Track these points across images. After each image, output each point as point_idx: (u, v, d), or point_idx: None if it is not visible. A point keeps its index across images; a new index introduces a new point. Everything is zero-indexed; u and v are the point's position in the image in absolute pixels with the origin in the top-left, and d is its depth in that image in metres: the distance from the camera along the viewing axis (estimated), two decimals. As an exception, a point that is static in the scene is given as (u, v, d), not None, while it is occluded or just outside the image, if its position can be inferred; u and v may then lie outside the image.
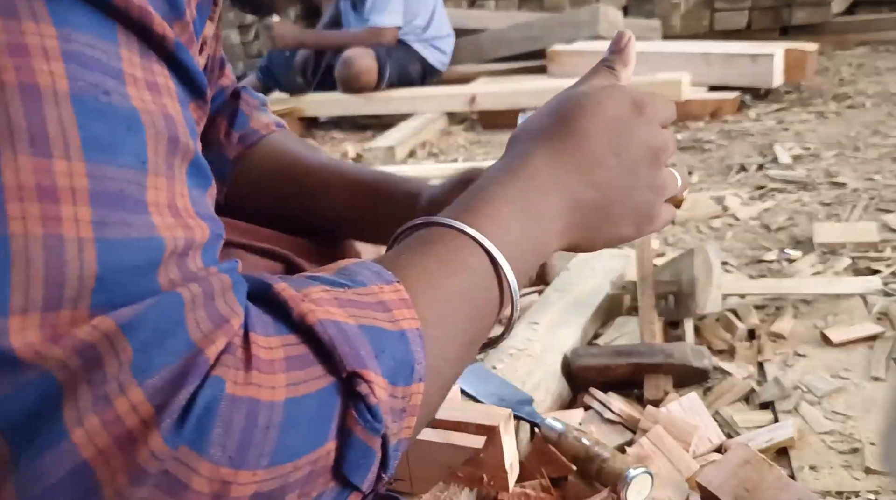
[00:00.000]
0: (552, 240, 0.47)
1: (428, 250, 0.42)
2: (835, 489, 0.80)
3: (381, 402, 0.33)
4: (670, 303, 1.16)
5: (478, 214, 0.44)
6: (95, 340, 0.27)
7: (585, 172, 0.47)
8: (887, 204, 1.60)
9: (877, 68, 2.97)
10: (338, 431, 0.32)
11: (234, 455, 0.29)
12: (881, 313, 1.13)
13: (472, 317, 0.42)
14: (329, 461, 0.32)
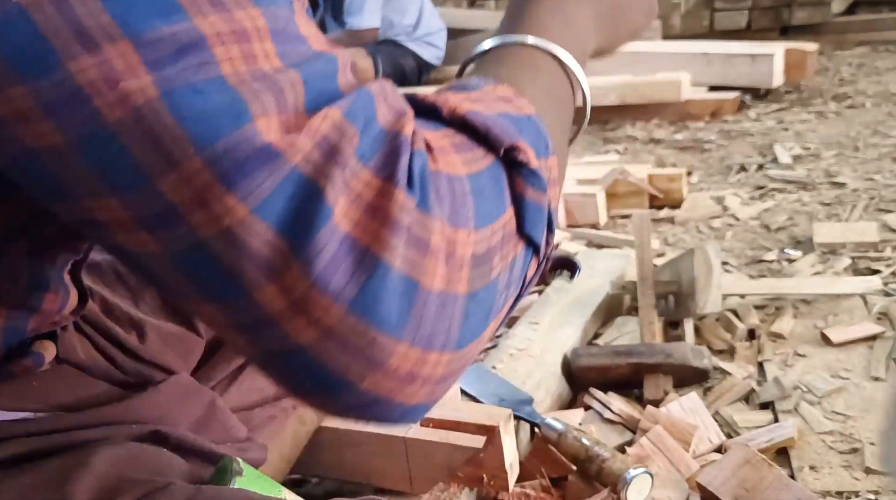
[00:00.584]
0: (590, 40, 0.52)
1: (505, 62, 0.46)
2: (835, 489, 0.80)
3: (539, 166, 0.38)
4: (670, 303, 1.16)
5: (531, 27, 0.48)
6: (328, 129, 0.31)
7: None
8: (887, 204, 1.60)
9: (877, 68, 2.97)
10: (511, 197, 0.37)
11: (451, 216, 0.33)
12: (881, 312, 1.13)
13: (560, 107, 0.47)
14: (513, 225, 0.36)
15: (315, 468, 0.83)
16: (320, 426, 0.80)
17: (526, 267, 0.39)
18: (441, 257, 0.32)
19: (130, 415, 0.53)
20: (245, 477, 0.53)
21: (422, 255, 0.31)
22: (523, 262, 0.38)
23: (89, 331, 0.64)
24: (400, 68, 3.16)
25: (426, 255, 0.31)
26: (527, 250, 0.38)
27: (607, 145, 2.38)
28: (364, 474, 0.79)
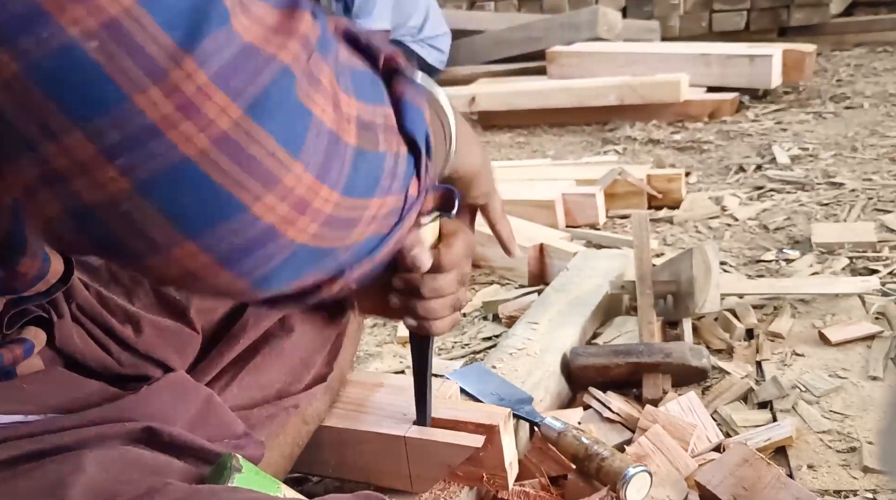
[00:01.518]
0: (471, 150, 0.57)
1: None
2: (833, 488, 0.80)
3: (415, 75, 0.40)
4: (669, 303, 1.17)
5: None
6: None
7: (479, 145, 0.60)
8: (885, 204, 1.61)
9: (875, 69, 2.97)
10: (392, 99, 0.38)
11: (335, 74, 0.33)
12: (879, 312, 1.13)
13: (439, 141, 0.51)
14: (393, 121, 0.38)
15: (315, 467, 0.83)
16: (321, 426, 0.80)
17: (410, 174, 0.39)
18: (329, 99, 0.32)
19: (125, 415, 0.53)
20: (244, 474, 0.52)
21: (314, 88, 0.31)
22: (407, 163, 0.39)
23: (85, 321, 0.64)
24: None
25: (318, 89, 0.31)
26: (409, 156, 0.39)
27: (606, 146, 2.38)
28: (364, 473, 0.80)
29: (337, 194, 0.33)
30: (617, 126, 2.54)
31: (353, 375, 0.89)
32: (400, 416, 0.78)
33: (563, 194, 1.69)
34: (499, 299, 1.35)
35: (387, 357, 1.24)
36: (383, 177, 0.37)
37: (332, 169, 0.33)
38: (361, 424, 0.78)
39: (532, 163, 2.16)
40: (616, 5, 3.74)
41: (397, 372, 1.18)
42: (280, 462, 0.77)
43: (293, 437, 0.77)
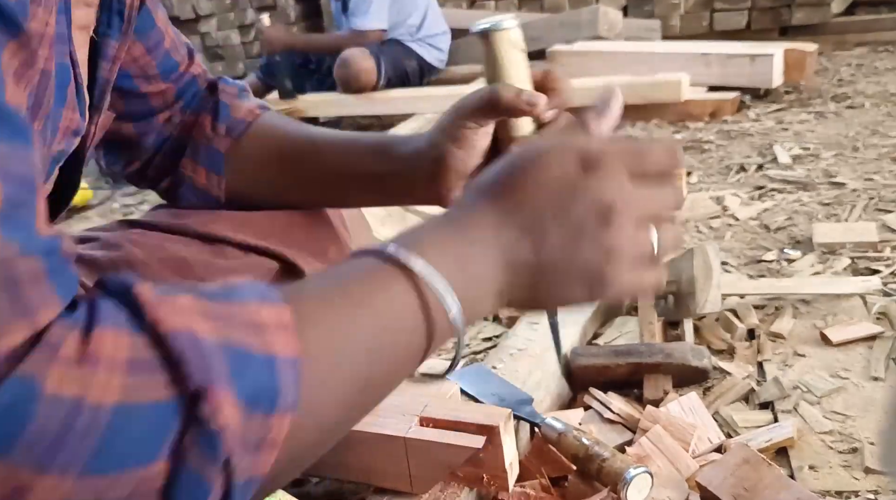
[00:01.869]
0: (488, 298, 0.45)
1: (347, 277, 0.41)
2: (834, 489, 0.80)
3: (227, 428, 0.30)
4: (670, 303, 1.16)
5: (420, 249, 0.42)
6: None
7: (524, 235, 0.45)
8: (886, 204, 1.60)
9: (876, 69, 2.97)
10: (171, 451, 0.30)
11: (40, 458, 0.27)
12: (880, 313, 1.13)
13: (379, 358, 0.39)
14: (156, 483, 0.29)
15: (315, 468, 0.83)
16: (320, 426, 0.80)
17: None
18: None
19: None
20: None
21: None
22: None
23: None
24: (402, 70, 3.16)
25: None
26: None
27: (607, 145, 2.38)
28: (364, 474, 0.79)
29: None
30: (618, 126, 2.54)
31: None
32: (400, 416, 0.78)
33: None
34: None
35: (387, 357, 1.24)
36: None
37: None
38: (361, 424, 0.78)
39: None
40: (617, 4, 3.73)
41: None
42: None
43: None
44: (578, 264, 0.45)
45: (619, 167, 0.45)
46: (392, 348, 0.40)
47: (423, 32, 3.23)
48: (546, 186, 0.45)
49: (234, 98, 0.73)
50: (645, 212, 0.46)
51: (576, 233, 0.45)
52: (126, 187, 2.64)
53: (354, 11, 3.11)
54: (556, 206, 0.45)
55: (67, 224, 2.34)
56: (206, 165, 0.72)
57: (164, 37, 0.68)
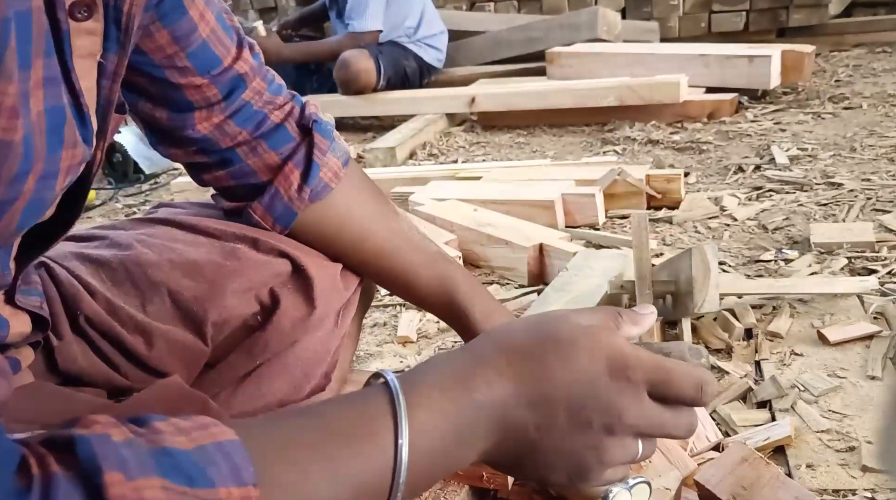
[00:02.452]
0: (471, 457, 0.46)
1: (333, 429, 0.41)
2: (831, 488, 0.81)
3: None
4: (668, 302, 1.17)
5: (414, 411, 0.43)
6: None
7: (533, 411, 0.46)
8: (884, 204, 1.61)
9: (873, 70, 2.97)
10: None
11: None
12: (878, 312, 1.13)
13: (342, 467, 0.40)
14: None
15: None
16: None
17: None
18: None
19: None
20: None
21: None
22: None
23: (92, 334, 0.63)
24: (402, 70, 3.17)
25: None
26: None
27: (605, 146, 2.38)
28: (364, 472, 0.80)
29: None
30: (616, 127, 2.54)
31: (353, 375, 0.89)
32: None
33: (562, 195, 1.70)
34: (499, 298, 1.35)
35: (387, 357, 1.24)
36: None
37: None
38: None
39: (532, 163, 2.16)
40: (615, 6, 3.74)
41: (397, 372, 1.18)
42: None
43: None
44: (571, 456, 0.47)
45: (643, 383, 0.48)
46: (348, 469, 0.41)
47: (420, 33, 3.24)
48: (570, 374, 0.46)
49: (324, 154, 0.71)
50: (647, 431, 0.49)
51: (581, 426, 0.46)
52: (128, 187, 2.64)
53: (350, 14, 3.11)
54: (573, 396, 0.46)
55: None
56: (276, 218, 0.71)
57: (196, 27, 0.61)
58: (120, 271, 0.66)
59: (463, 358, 0.47)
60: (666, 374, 0.49)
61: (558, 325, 0.48)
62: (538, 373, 0.46)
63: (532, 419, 0.46)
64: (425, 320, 1.34)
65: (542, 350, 0.47)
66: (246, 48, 0.67)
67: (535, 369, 0.46)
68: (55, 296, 0.63)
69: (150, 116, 0.65)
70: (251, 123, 0.68)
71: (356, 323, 0.84)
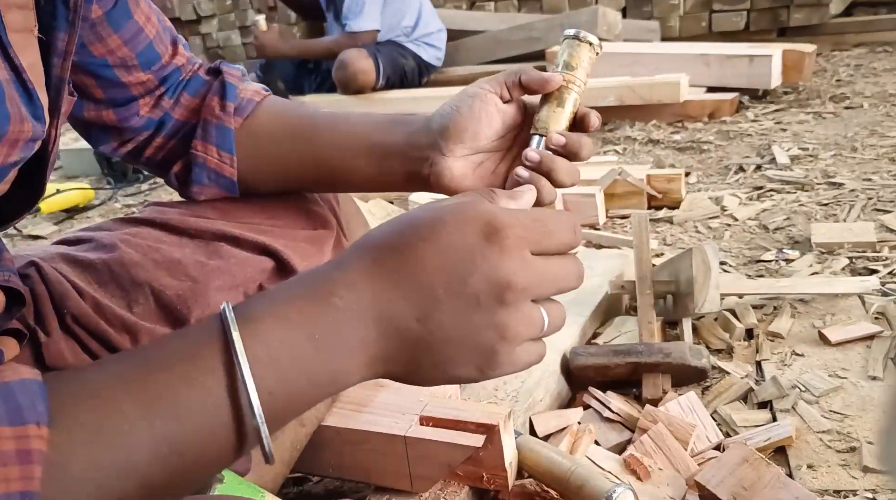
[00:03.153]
0: (354, 370, 0.41)
1: (153, 364, 0.38)
2: (832, 488, 0.80)
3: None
4: (669, 303, 1.17)
5: (256, 326, 0.39)
6: None
7: (410, 302, 0.41)
8: (885, 204, 1.61)
9: (874, 69, 2.97)
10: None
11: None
12: (879, 312, 1.13)
13: (174, 469, 0.36)
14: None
15: (315, 467, 0.83)
16: (321, 425, 0.80)
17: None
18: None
19: None
20: (226, 484, 0.53)
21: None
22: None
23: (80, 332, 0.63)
24: (400, 69, 3.17)
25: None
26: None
27: (606, 146, 2.38)
28: (364, 472, 0.80)
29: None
30: (616, 126, 2.54)
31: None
32: (400, 416, 0.78)
33: (562, 194, 1.69)
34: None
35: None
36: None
37: None
38: (361, 423, 0.78)
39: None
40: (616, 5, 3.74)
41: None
42: (278, 468, 0.77)
43: (291, 441, 0.77)
44: (469, 341, 0.42)
45: (522, 242, 0.42)
46: (191, 458, 0.37)
47: (418, 32, 3.24)
48: (441, 250, 0.41)
49: (239, 80, 0.74)
50: (543, 291, 0.43)
51: (469, 307, 0.41)
52: (127, 187, 2.64)
53: (347, 14, 3.12)
54: (450, 274, 0.41)
55: (70, 224, 2.34)
56: (217, 144, 0.72)
57: (142, 29, 0.68)
58: (105, 273, 0.66)
59: (318, 270, 0.43)
60: (543, 225, 0.44)
61: (421, 212, 0.43)
62: (407, 260, 0.41)
63: (412, 312, 0.41)
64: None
65: (406, 240, 0.42)
66: (180, 44, 0.74)
67: (403, 258, 0.41)
68: (44, 293, 0.63)
69: (97, 116, 0.70)
70: (178, 90, 0.73)
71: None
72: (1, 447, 0.32)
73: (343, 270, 0.42)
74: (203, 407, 0.37)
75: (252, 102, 0.73)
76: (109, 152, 0.74)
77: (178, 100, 0.73)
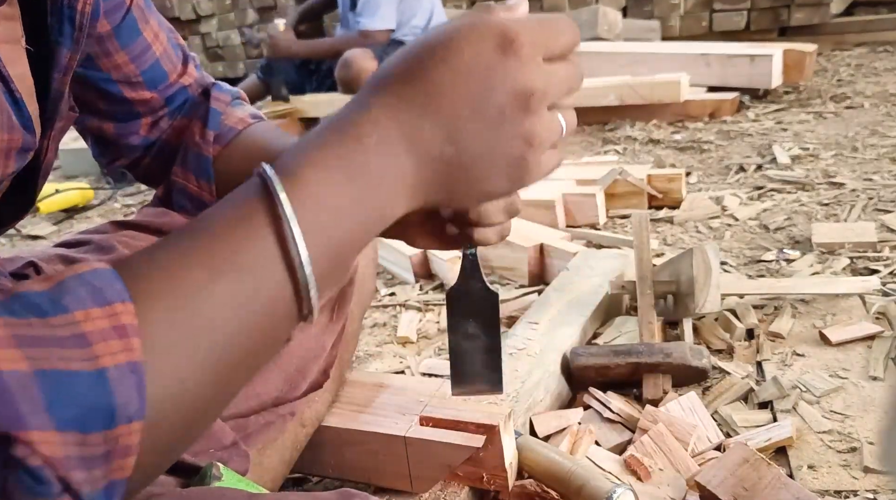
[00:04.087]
0: (397, 202, 0.42)
1: (213, 231, 0.38)
2: (833, 489, 0.80)
3: (50, 459, 0.29)
4: (669, 303, 1.16)
5: (296, 179, 0.39)
6: None
7: (437, 125, 0.41)
8: (885, 204, 1.60)
9: (875, 69, 2.97)
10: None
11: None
12: (879, 312, 1.13)
13: (245, 331, 0.37)
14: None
15: (316, 467, 0.83)
16: (321, 425, 0.80)
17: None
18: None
19: None
20: (224, 481, 0.53)
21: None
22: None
23: None
24: None
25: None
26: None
27: (606, 146, 2.38)
28: (364, 473, 0.80)
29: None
30: (617, 126, 2.54)
31: (352, 375, 0.88)
32: (400, 416, 0.78)
33: (563, 194, 1.69)
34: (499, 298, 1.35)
35: (387, 357, 1.24)
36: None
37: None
38: (361, 424, 0.78)
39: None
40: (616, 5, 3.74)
41: (397, 372, 1.18)
42: (278, 468, 0.77)
43: (291, 441, 0.77)
44: (499, 154, 0.43)
45: (536, 48, 0.43)
46: (260, 316, 0.38)
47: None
48: (461, 70, 0.41)
49: (227, 106, 0.73)
50: (558, 94, 0.45)
51: (496, 119, 0.42)
52: (127, 187, 2.64)
53: (362, 12, 3.11)
54: (473, 90, 0.41)
55: (69, 224, 2.34)
56: (195, 172, 0.72)
57: (150, 46, 0.68)
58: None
59: (340, 114, 0.42)
60: (549, 29, 0.44)
61: (426, 38, 0.43)
62: (427, 83, 0.41)
63: (441, 136, 0.42)
64: (425, 321, 1.34)
65: (423, 65, 0.42)
66: (190, 63, 0.73)
67: (423, 85, 0.41)
68: None
69: (97, 128, 0.71)
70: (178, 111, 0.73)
71: (355, 322, 0.84)
72: (96, 326, 0.32)
73: (365, 108, 0.42)
74: (262, 266, 0.37)
75: (234, 131, 0.72)
76: (105, 164, 0.75)
77: (171, 123, 0.73)
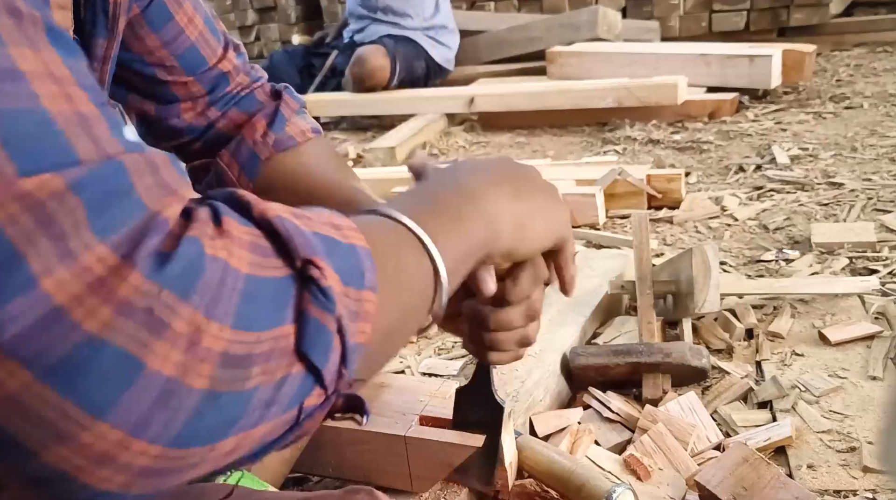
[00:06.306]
0: (484, 243, 0.50)
1: (369, 225, 0.44)
2: (832, 488, 0.80)
3: (333, 287, 0.35)
4: (669, 303, 1.17)
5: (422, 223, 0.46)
6: (43, 197, 0.28)
7: (514, 189, 0.52)
8: (885, 204, 1.61)
9: (874, 69, 2.97)
10: (295, 315, 0.34)
11: (208, 305, 0.31)
12: (879, 312, 1.13)
13: (412, 294, 0.44)
14: (290, 342, 0.34)
15: (315, 467, 0.83)
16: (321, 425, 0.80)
17: (304, 393, 0.36)
18: (181, 343, 0.30)
19: None
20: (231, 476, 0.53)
21: (155, 336, 0.30)
22: (298, 385, 0.35)
23: None
24: (414, 72, 3.17)
25: (161, 336, 0.30)
26: (306, 375, 0.35)
27: (606, 146, 2.38)
28: (364, 473, 0.80)
29: (159, 447, 0.31)
30: (617, 126, 2.54)
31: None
32: (400, 416, 0.78)
33: (562, 194, 1.69)
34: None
35: (387, 357, 1.24)
36: (246, 413, 0.33)
37: (156, 421, 0.30)
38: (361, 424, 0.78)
39: (532, 163, 2.16)
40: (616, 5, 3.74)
41: (397, 372, 1.18)
42: (278, 468, 0.77)
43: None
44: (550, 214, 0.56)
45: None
46: (418, 291, 0.45)
47: (435, 21, 3.22)
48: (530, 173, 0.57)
49: (293, 113, 0.74)
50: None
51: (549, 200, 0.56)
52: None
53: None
54: (536, 185, 0.56)
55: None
56: (243, 166, 0.73)
57: (183, 30, 0.68)
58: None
59: (434, 180, 0.55)
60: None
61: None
62: (511, 172, 0.56)
63: (514, 192, 0.53)
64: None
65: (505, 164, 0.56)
66: (231, 49, 0.73)
67: (506, 171, 0.55)
68: None
69: (139, 108, 0.71)
70: (229, 105, 0.74)
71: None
72: (345, 223, 0.39)
73: (457, 178, 0.53)
74: (422, 276, 0.45)
75: (293, 141, 0.73)
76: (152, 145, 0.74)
77: (225, 113, 0.73)
